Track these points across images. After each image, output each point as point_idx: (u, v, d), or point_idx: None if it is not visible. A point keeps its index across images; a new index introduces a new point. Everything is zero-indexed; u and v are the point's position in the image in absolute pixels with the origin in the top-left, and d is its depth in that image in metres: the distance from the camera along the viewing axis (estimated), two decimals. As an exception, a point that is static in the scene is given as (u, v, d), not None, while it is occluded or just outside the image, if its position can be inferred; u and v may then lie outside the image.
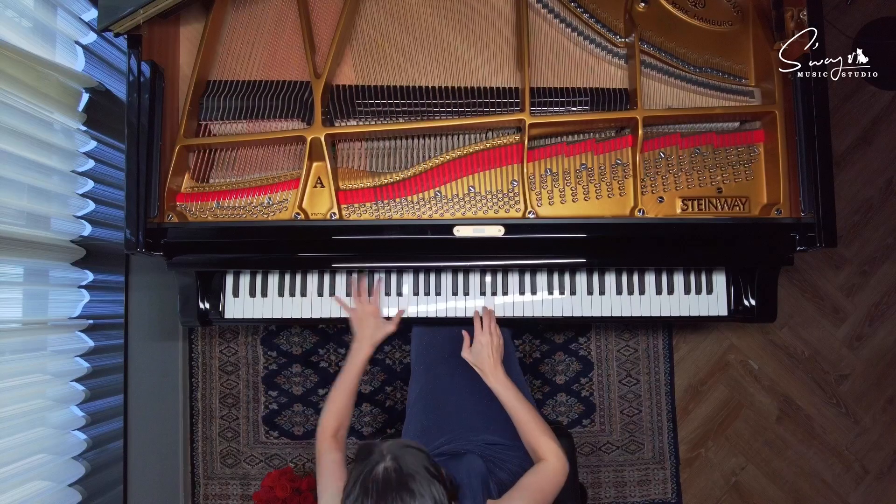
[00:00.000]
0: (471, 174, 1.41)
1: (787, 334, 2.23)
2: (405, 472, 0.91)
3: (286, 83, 1.42)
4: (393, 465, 0.92)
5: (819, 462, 2.20)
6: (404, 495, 0.89)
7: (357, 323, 1.38)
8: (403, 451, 0.95)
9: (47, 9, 1.43)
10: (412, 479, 0.90)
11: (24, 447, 1.34)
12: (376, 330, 1.37)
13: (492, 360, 1.28)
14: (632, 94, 1.41)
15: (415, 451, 0.95)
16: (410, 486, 0.90)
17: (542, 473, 1.14)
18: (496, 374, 1.27)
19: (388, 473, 0.91)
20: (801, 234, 1.34)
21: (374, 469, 0.92)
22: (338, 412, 1.28)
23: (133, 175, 1.31)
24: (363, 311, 1.39)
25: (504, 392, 1.25)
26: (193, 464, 2.19)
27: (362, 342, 1.35)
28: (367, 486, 0.91)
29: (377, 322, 1.38)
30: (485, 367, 1.28)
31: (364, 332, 1.36)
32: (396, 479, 0.90)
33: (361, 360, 1.34)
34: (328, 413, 1.28)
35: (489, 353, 1.28)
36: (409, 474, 0.91)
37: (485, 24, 1.45)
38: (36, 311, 1.45)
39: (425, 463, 0.94)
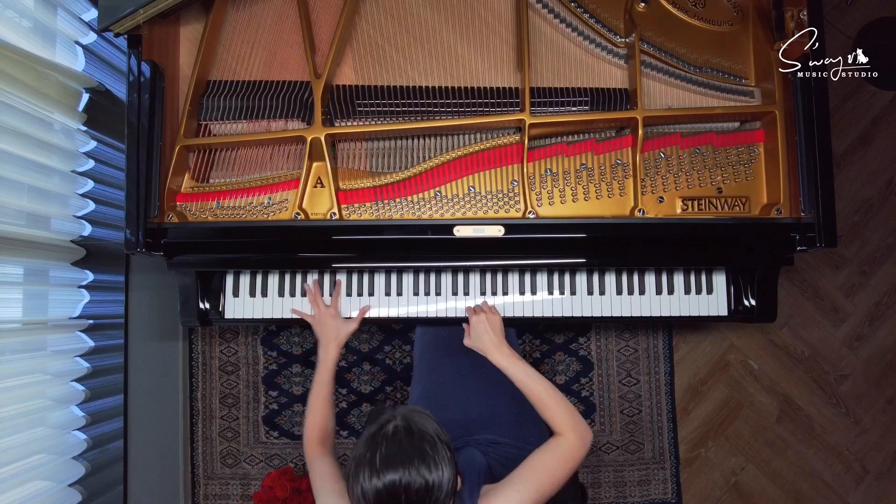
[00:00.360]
0: (471, 174, 1.41)
1: (787, 334, 2.23)
2: (415, 431, 0.92)
3: (286, 83, 1.42)
4: (403, 423, 0.93)
5: (819, 462, 2.20)
6: (412, 453, 0.90)
7: (319, 327, 1.38)
8: (413, 413, 0.96)
9: (47, 9, 1.43)
10: (421, 438, 0.92)
11: (24, 447, 1.34)
12: (338, 330, 1.36)
13: (494, 338, 1.25)
14: (632, 94, 1.41)
15: (425, 415, 0.97)
16: (419, 444, 0.91)
17: (554, 452, 1.09)
18: (501, 350, 1.23)
19: (398, 430, 0.92)
20: (801, 234, 1.34)
21: (384, 427, 0.93)
22: (319, 420, 1.28)
23: (133, 175, 1.31)
24: (321, 315, 1.39)
25: (512, 368, 1.21)
26: (193, 464, 2.19)
27: (328, 344, 1.34)
28: (377, 441, 0.91)
29: (337, 323, 1.37)
30: (487, 346, 1.25)
31: (327, 335, 1.36)
32: (406, 436, 0.91)
33: (330, 363, 1.33)
34: (309, 423, 1.28)
35: (488, 331, 1.25)
36: (419, 434, 0.92)
37: (485, 25, 1.45)
38: (36, 311, 1.45)
39: (435, 427, 0.95)
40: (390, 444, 0.91)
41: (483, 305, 1.33)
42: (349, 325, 1.38)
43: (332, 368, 1.33)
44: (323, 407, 1.29)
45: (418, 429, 0.93)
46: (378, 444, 0.91)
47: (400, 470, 0.88)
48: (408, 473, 0.88)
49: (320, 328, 1.37)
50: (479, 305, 1.33)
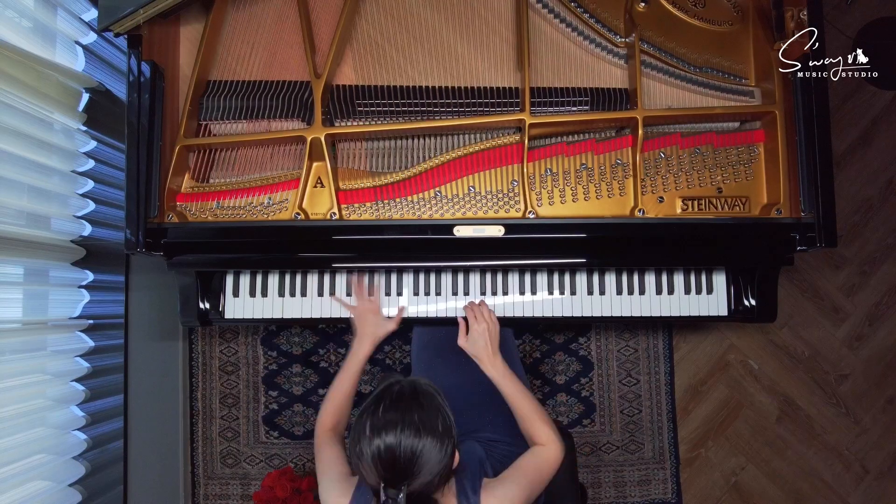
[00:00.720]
0: (471, 174, 1.41)
1: (787, 334, 2.23)
2: (419, 391, 0.98)
3: (286, 83, 1.42)
4: (409, 385, 0.99)
5: (819, 462, 2.20)
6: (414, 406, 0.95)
7: (358, 320, 1.37)
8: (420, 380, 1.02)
9: (47, 9, 1.43)
10: (425, 396, 0.97)
11: (24, 447, 1.34)
12: (377, 327, 1.36)
13: (489, 349, 1.25)
14: (632, 94, 1.41)
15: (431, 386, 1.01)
16: (422, 401, 0.96)
17: (538, 457, 1.15)
18: (494, 362, 1.24)
19: (403, 389, 0.98)
20: (802, 233, 1.34)
21: (390, 387, 0.99)
22: (336, 408, 1.28)
23: (133, 175, 1.31)
24: (364, 308, 1.38)
25: (502, 381, 1.23)
26: (193, 464, 2.19)
27: (363, 339, 1.34)
28: (382, 396, 0.97)
29: (378, 319, 1.37)
30: (481, 356, 1.25)
31: (365, 329, 1.35)
32: (410, 394, 0.97)
33: (362, 357, 1.33)
34: (327, 409, 1.28)
35: (486, 341, 1.25)
36: (423, 393, 0.98)
37: (485, 25, 1.45)
38: (36, 311, 1.45)
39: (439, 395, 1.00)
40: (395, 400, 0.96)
41: (484, 311, 1.31)
42: (388, 324, 1.38)
43: (362, 362, 1.33)
44: (344, 399, 1.30)
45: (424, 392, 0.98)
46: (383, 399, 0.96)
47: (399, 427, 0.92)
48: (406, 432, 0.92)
49: (361, 321, 1.37)
50: (481, 309, 1.31)
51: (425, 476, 0.92)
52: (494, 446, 1.31)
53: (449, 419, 0.98)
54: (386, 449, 0.91)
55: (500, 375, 1.23)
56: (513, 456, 1.29)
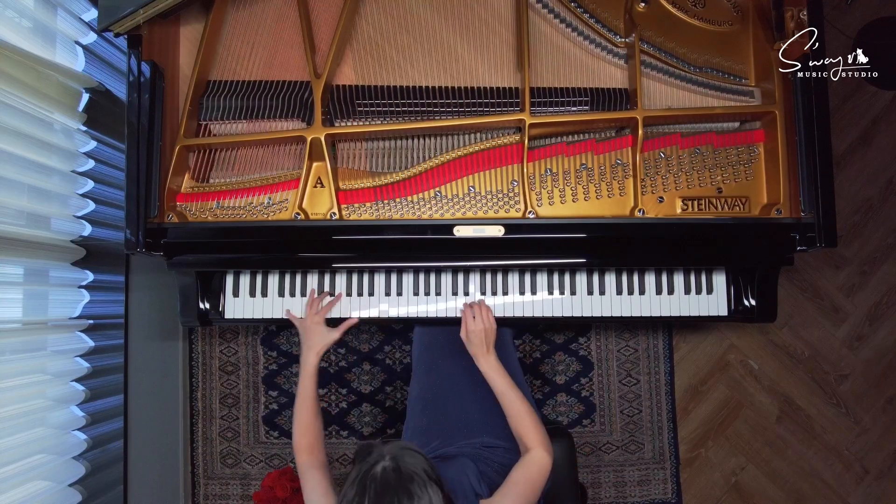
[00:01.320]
0: (471, 174, 1.41)
1: (787, 334, 2.23)
2: (404, 472, 0.92)
3: (286, 83, 1.42)
4: (392, 464, 0.93)
5: (819, 462, 2.20)
6: (402, 496, 0.89)
7: (305, 333, 1.38)
8: (403, 452, 0.96)
9: (47, 9, 1.43)
10: (410, 480, 0.91)
11: (24, 447, 1.34)
12: (319, 338, 1.36)
13: (485, 346, 1.28)
14: (632, 94, 1.41)
15: (414, 454, 0.96)
16: (408, 486, 0.90)
17: (529, 466, 1.16)
18: (488, 359, 1.28)
19: (387, 473, 0.92)
20: (801, 233, 1.34)
21: (373, 468, 0.93)
22: (305, 427, 1.29)
23: (133, 175, 1.31)
24: (309, 321, 1.39)
25: (496, 377, 1.26)
26: (193, 464, 2.19)
27: (308, 351, 1.35)
28: (365, 483, 0.91)
29: (321, 330, 1.38)
30: (478, 351, 1.29)
31: (308, 342, 1.36)
32: (395, 478, 0.91)
33: (311, 370, 1.33)
34: (296, 430, 1.29)
35: (482, 340, 1.28)
36: (408, 475, 0.92)
37: (484, 25, 1.45)
38: (36, 311, 1.45)
39: (424, 465, 0.95)
40: (381, 488, 0.91)
41: (484, 312, 1.32)
42: (331, 334, 1.38)
43: (311, 375, 1.33)
44: (307, 415, 1.30)
45: (407, 470, 0.92)
46: (367, 488, 0.91)
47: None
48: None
49: (305, 334, 1.38)
50: (480, 309, 1.33)
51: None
52: (492, 452, 1.32)
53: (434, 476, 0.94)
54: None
55: (495, 373, 1.26)
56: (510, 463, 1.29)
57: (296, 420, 1.31)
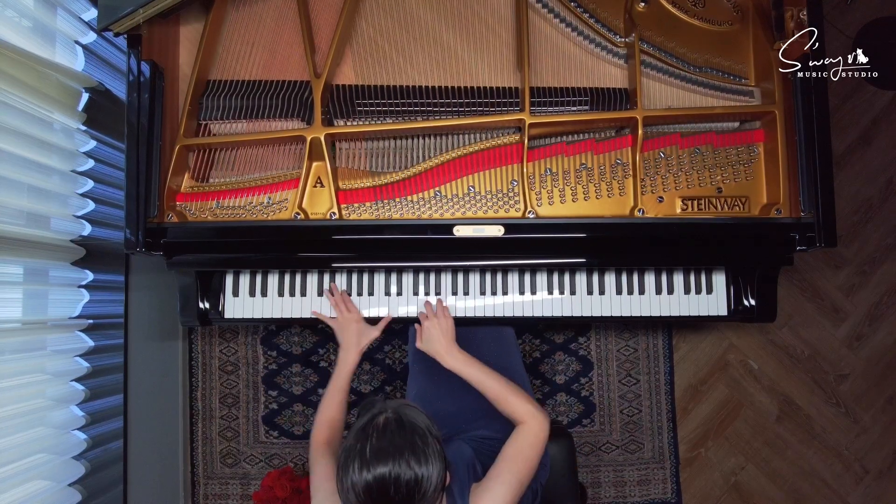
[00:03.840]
0: (471, 174, 1.41)
1: (787, 334, 2.23)
2: (406, 423, 0.93)
3: (286, 83, 1.42)
4: (394, 416, 0.94)
5: (819, 462, 2.20)
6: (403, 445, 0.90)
7: (341, 331, 1.38)
8: (405, 407, 0.97)
9: (47, 9, 1.43)
10: (413, 431, 0.92)
11: (24, 447, 1.34)
12: (361, 336, 1.37)
13: (444, 342, 1.27)
14: (632, 94, 1.41)
15: (415, 409, 0.97)
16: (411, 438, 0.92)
17: (522, 438, 1.14)
18: (451, 353, 1.26)
19: (389, 423, 0.93)
20: (801, 233, 1.34)
21: (375, 419, 0.94)
22: (329, 421, 1.28)
23: (133, 175, 1.31)
24: (346, 319, 1.39)
25: (465, 369, 1.24)
26: (193, 464, 2.19)
27: (349, 350, 1.35)
28: (367, 432, 0.92)
29: (360, 328, 1.38)
30: (439, 350, 1.27)
31: (350, 340, 1.36)
32: (397, 428, 0.92)
33: (350, 368, 1.34)
34: (319, 423, 1.28)
35: (438, 337, 1.27)
36: (410, 427, 0.93)
37: (484, 26, 1.45)
38: (36, 311, 1.45)
39: (426, 421, 0.96)
40: (381, 436, 0.91)
41: (437, 308, 1.32)
42: (372, 332, 1.38)
43: (350, 374, 1.34)
44: (336, 410, 1.30)
45: (409, 421, 0.93)
46: (368, 435, 0.92)
47: (390, 462, 0.89)
48: (397, 466, 0.89)
49: (343, 333, 1.38)
50: (432, 307, 1.33)
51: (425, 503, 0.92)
52: (489, 444, 1.32)
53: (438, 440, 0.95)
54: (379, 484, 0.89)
55: (461, 363, 1.24)
56: None
57: (322, 413, 1.29)
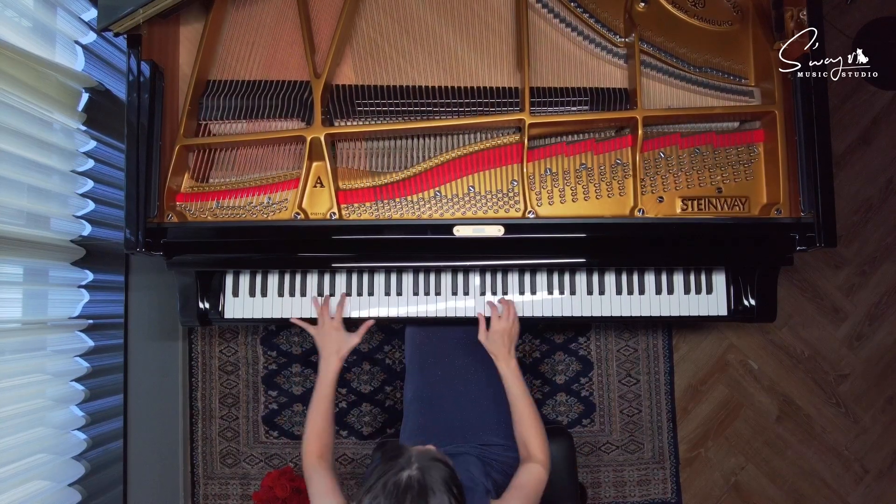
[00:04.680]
0: (471, 174, 1.41)
1: (787, 334, 2.23)
2: (428, 485, 0.92)
3: (286, 83, 1.42)
4: (418, 475, 0.93)
5: (819, 462, 2.20)
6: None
7: (322, 339, 1.37)
8: (431, 464, 0.95)
9: (47, 9, 1.43)
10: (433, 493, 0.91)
11: (24, 447, 1.34)
12: (342, 344, 1.35)
13: (506, 347, 1.30)
14: (632, 94, 1.41)
15: (441, 467, 0.96)
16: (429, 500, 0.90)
17: (532, 475, 1.17)
18: (509, 361, 1.29)
19: (411, 482, 0.92)
20: (801, 233, 1.34)
21: (399, 474, 0.93)
22: (318, 434, 1.27)
23: (133, 175, 1.31)
24: (325, 327, 1.38)
25: (513, 380, 1.27)
26: (193, 464, 2.19)
27: (329, 358, 1.34)
28: (388, 487, 0.91)
29: (340, 336, 1.37)
30: (499, 353, 1.30)
31: (330, 348, 1.35)
32: (418, 489, 0.91)
33: (332, 376, 1.32)
34: (309, 436, 1.27)
35: (505, 341, 1.30)
36: (431, 489, 0.91)
37: (484, 25, 1.45)
38: (36, 311, 1.45)
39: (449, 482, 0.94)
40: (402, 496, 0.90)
41: (511, 312, 1.34)
42: (352, 338, 1.37)
43: (333, 382, 1.32)
44: (323, 420, 1.28)
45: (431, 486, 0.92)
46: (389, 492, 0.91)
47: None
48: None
49: (323, 340, 1.36)
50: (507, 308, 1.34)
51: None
52: (491, 450, 1.32)
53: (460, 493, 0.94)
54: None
55: (513, 375, 1.28)
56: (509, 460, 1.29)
57: (310, 425, 1.28)
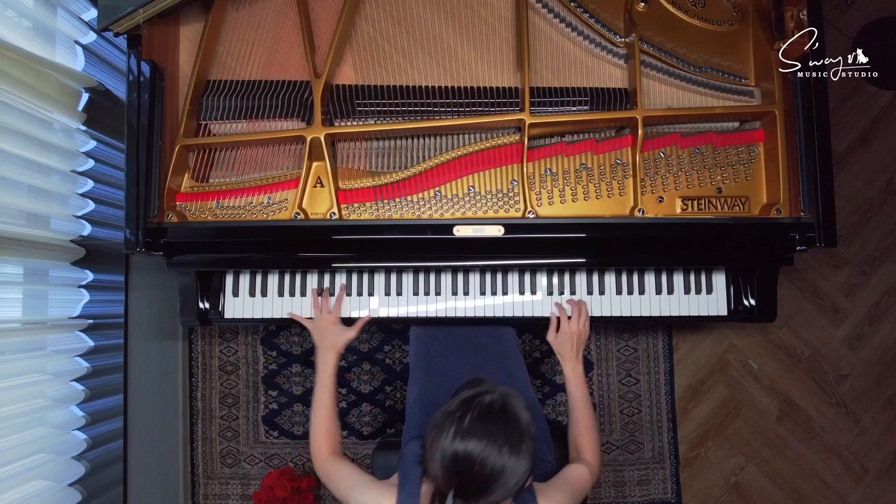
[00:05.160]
0: (471, 174, 1.41)
1: (787, 334, 2.23)
2: (510, 411, 0.93)
3: (286, 83, 1.42)
4: (501, 400, 0.93)
5: (819, 462, 2.20)
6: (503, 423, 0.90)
7: (318, 334, 1.37)
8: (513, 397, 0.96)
9: (47, 8, 1.43)
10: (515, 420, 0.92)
11: (24, 447, 1.34)
12: (338, 337, 1.35)
13: (575, 349, 1.32)
14: (632, 94, 1.41)
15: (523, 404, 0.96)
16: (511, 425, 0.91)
17: (580, 473, 1.17)
18: (576, 365, 1.32)
19: (494, 405, 0.93)
20: (801, 233, 1.34)
21: (482, 396, 0.94)
22: (325, 432, 1.26)
23: (133, 175, 1.31)
24: (322, 321, 1.38)
25: (577, 384, 1.30)
26: (193, 464, 2.19)
27: (326, 352, 1.34)
28: (471, 405, 0.92)
29: (337, 329, 1.37)
30: (567, 356, 1.33)
31: (326, 342, 1.35)
32: (501, 412, 0.92)
33: (330, 371, 1.32)
34: (316, 436, 1.26)
35: (574, 344, 1.32)
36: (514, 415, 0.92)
37: (484, 25, 1.45)
38: (36, 311, 1.45)
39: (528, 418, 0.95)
40: (483, 414, 0.91)
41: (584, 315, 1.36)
42: (348, 332, 1.37)
43: (331, 376, 1.32)
44: (328, 418, 1.28)
45: (513, 412, 0.93)
46: (472, 409, 0.91)
47: (484, 442, 0.88)
48: (489, 448, 0.88)
49: (319, 335, 1.37)
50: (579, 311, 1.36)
51: (500, 495, 0.91)
52: None
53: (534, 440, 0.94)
54: (466, 458, 0.88)
55: (578, 377, 1.31)
56: None
57: (315, 425, 1.27)
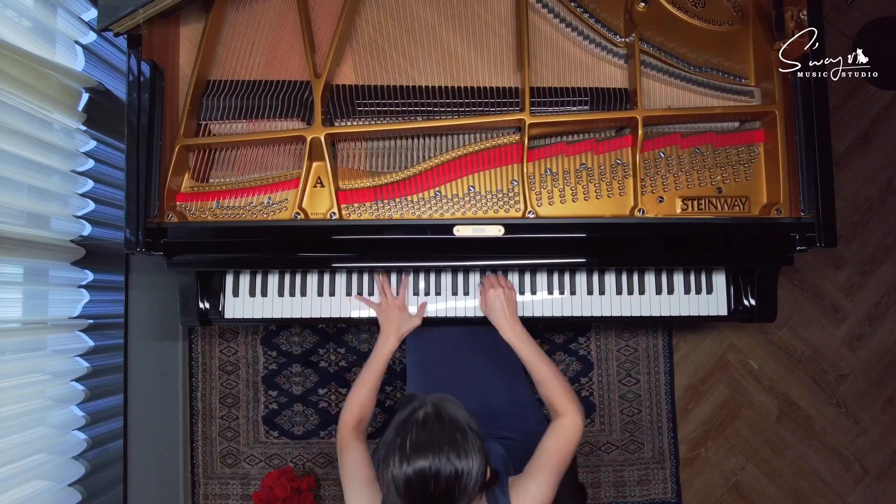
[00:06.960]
0: (471, 174, 1.41)
1: (787, 334, 2.23)
2: (445, 417, 0.92)
3: (286, 83, 1.42)
4: (433, 410, 0.93)
5: (819, 462, 2.20)
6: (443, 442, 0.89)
7: (383, 316, 1.40)
8: (445, 401, 0.96)
9: (47, 8, 1.43)
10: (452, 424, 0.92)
11: (24, 447, 1.34)
12: (402, 322, 1.38)
13: (507, 313, 1.29)
14: (632, 94, 1.41)
15: (457, 405, 0.96)
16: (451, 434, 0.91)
17: (560, 434, 1.14)
18: (513, 327, 1.28)
19: (429, 417, 0.92)
20: (801, 233, 1.34)
21: (415, 413, 0.93)
22: (360, 405, 1.29)
23: (133, 175, 1.31)
24: (389, 305, 1.40)
25: (522, 346, 1.26)
26: (193, 464, 2.19)
27: (389, 334, 1.37)
28: (407, 426, 0.92)
29: (402, 315, 1.40)
30: (500, 320, 1.30)
31: (391, 325, 1.37)
32: (436, 422, 0.91)
33: (387, 353, 1.35)
34: (351, 405, 1.29)
35: (503, 307, 1.29)
36: (450, 420, 0.92)
37: (485, 25, 1.45)
38: (36, 311, 1.45)
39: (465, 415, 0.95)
40: (420, 430, 0.91)
41: (500, 279, 1.33)
42: (413, 320, 1.40)
43: (387, 359, 1.35)
44: (368, 392, 1.31)
45: (449, 416, 0.92)
46: (409, 430, 0.91)
47: (430, 457, 0.88)
48: (437, 460, 0.88)
49: (385, 318, 1.39)
50: (497, 278, 1.34)
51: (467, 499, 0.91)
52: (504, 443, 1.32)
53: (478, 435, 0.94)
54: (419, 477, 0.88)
55: (519, 340, 1.27)
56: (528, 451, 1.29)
57: (353, 396, 1.30)
